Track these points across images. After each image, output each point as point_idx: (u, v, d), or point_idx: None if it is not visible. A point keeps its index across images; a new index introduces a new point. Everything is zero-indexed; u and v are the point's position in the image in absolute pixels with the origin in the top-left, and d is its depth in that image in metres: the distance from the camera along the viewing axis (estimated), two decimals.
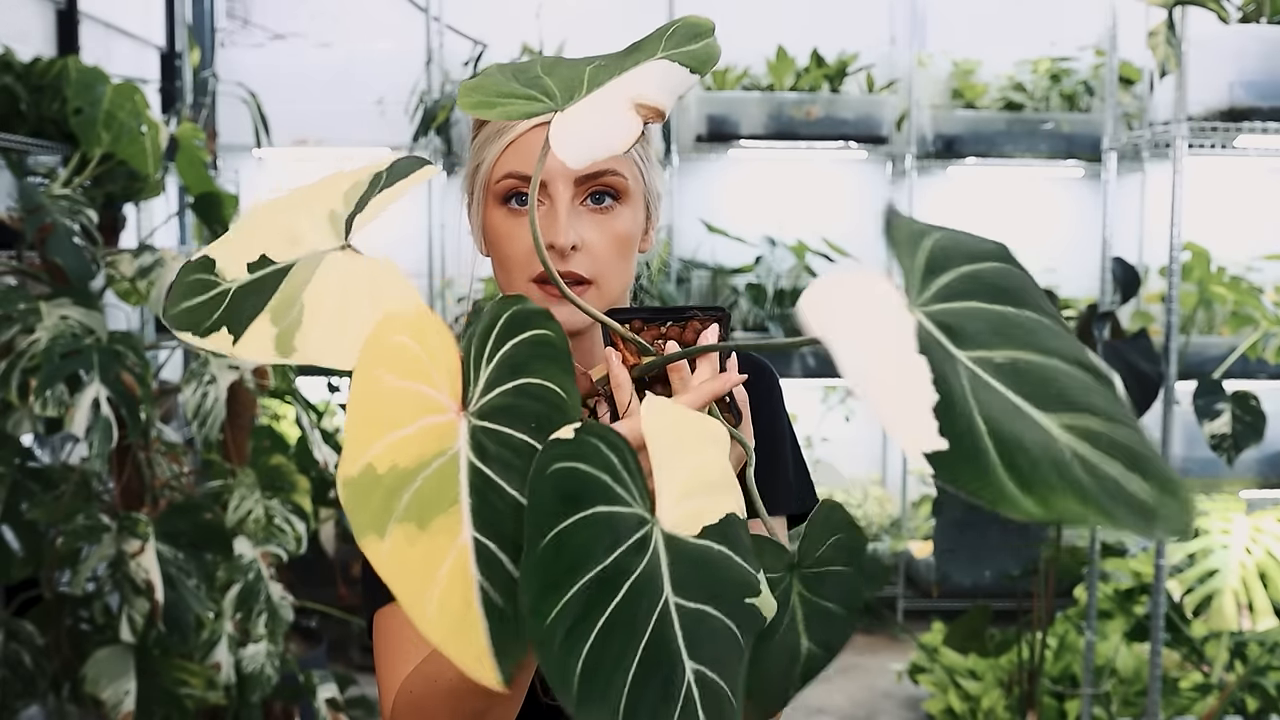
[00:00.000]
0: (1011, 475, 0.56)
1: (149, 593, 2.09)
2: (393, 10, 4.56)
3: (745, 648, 0.68)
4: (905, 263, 0.66)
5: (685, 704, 0.64)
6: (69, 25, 3.30)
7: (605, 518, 0.64)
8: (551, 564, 0.62)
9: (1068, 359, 0.62)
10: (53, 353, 1.99)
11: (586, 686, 0.60)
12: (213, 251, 0.78)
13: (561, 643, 0.60)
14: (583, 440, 0.66)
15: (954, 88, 4.53)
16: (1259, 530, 3.04)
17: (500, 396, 0.68)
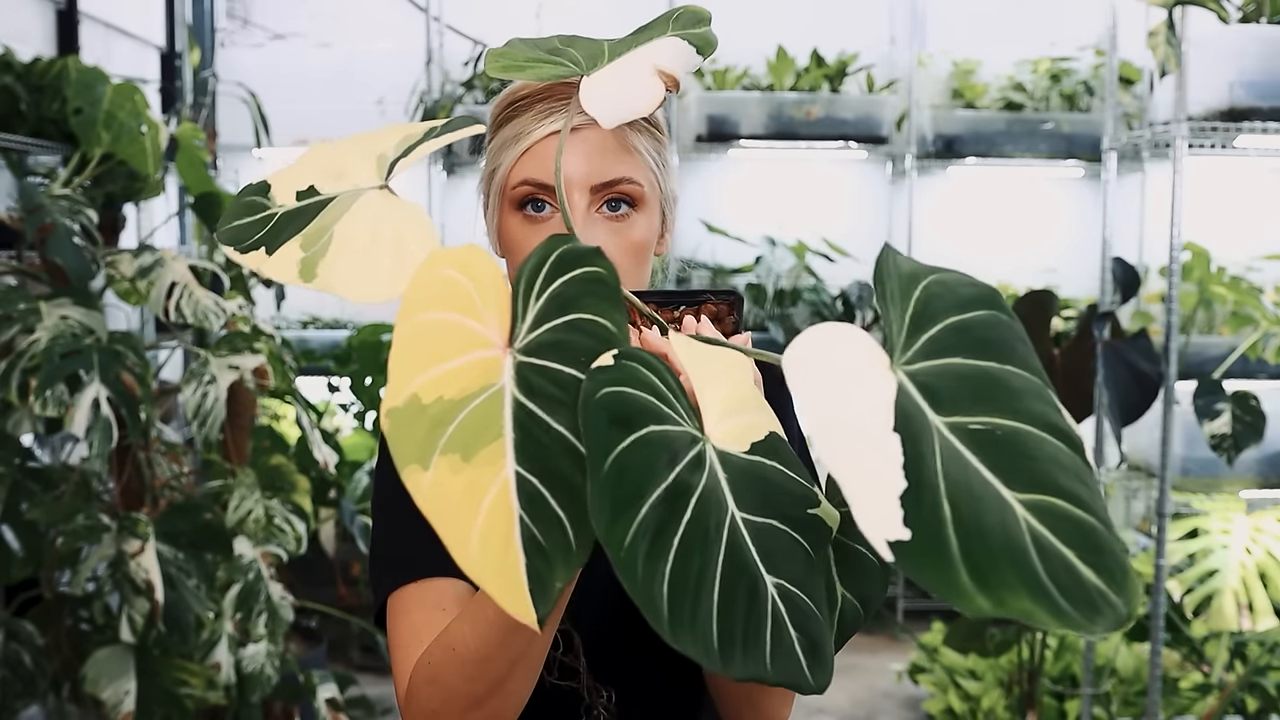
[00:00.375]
0: (969, 570, 0.56)
1: (149, 593, 2.09)
2: (393, 10, 4.56)
3: (819, 561, 0.67)
4: (894, 316, 0.65)
5: (775, 620, 0.63)
6: (69, 25, 3.30)
7: (659, 437, 0.64)
8: (616, 487, 0.61)
9: (1042, 424, 0.62)
10: (53, 353, 1.99)
11: (675, 609, 0.60)
12: (272, 178, 0.81)
13: (644, 563, 0.60)
14: (623, 365, 0.66)
15: (954, 88, 4.54)
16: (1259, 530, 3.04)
17: (548, 333, 0.68)
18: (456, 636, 0.86)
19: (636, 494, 0.61)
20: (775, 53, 4.42)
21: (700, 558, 0.62)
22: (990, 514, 0.58)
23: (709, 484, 0.65)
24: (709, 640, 0.60)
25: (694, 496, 0.63)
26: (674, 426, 0.65)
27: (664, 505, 0.62)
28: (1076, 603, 0.56)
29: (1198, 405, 2.71)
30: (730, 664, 0.60)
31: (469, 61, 4.48)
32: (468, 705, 0.86)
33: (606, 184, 0.98)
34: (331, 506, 3.52)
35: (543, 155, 0.97)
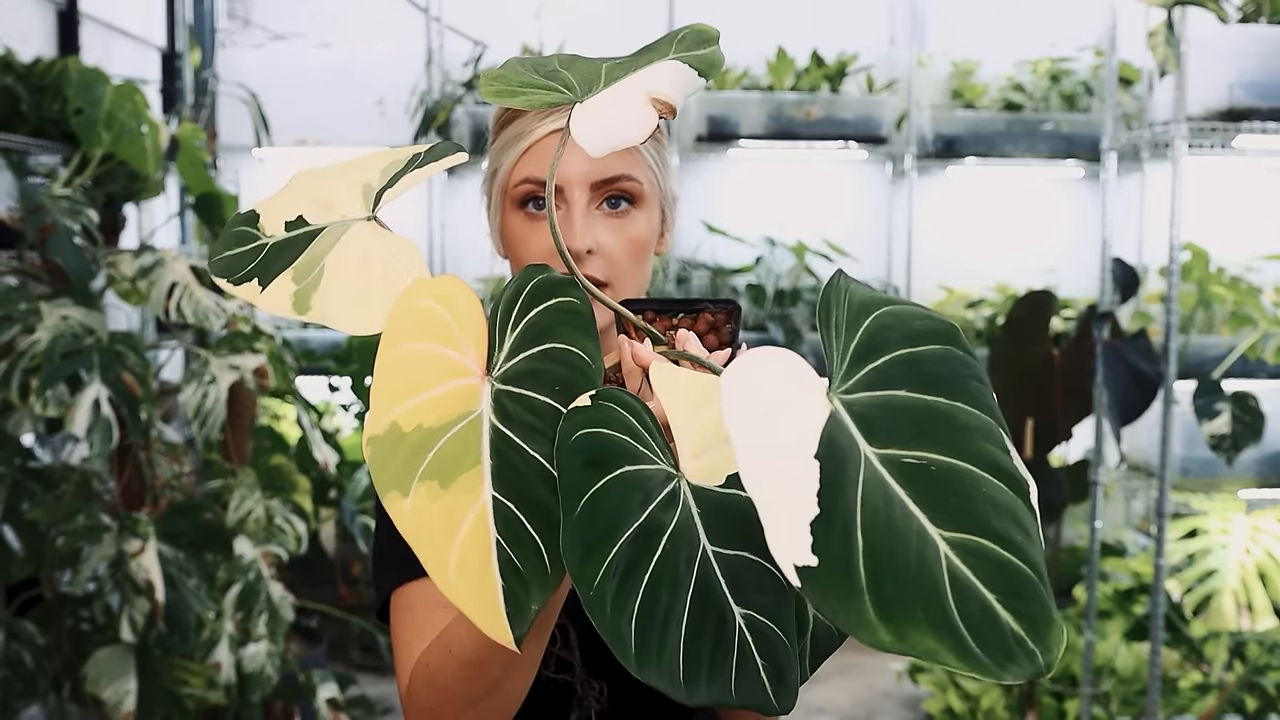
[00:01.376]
0: (875, 603, 0.55)
1: (149, 593, 2.10)
2: (393, 10, 4.56)
3: (789, 589, 0.67)
4: (837, 345, 0.65)
5: (740, 649, 0.64)
6: (69, 26, 3.31)
7: (633, 476, 0.65)
8: (589, 528, 0.63)
9: (984, 463, 0.61)
10: (53, 353, 1.99)
11: (642, 644, 0.61)
12: (260, 207, 0.82)
13: (612, 602, 0.61)
14: (600, 406, 0.67)
15: (954, 88, 4.54)
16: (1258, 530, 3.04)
17: (524, 361, 0.69)
18: (454, 638, 0.87)
19: (608, 535, 0.63)
20: (775, 53, 4.43)
21: (669, 594, 0.63)
22: (907, 549, 0.57)
23: (681, 520, 0.66)
24: (674, 673, 0.61)
25: (665, 534, 0.65)
26: (649, 465, 0.67)
27: (635, 545, 0.63)
28: (989, 647, 0.55)
29: (1197, 405, 2.72)
30: (695, 693, 0.62)
31: (469, 61, 4.48)
32: (464, 705, 0.87)
33: (606, 181, 0.99)
34: (332, 506, 3.52)
35: (543, 154, 0.99)
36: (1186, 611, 3.03)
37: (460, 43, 4.53)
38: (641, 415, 0.69)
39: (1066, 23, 4.47)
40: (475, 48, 4.48)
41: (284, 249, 0.78)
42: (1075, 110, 4.44)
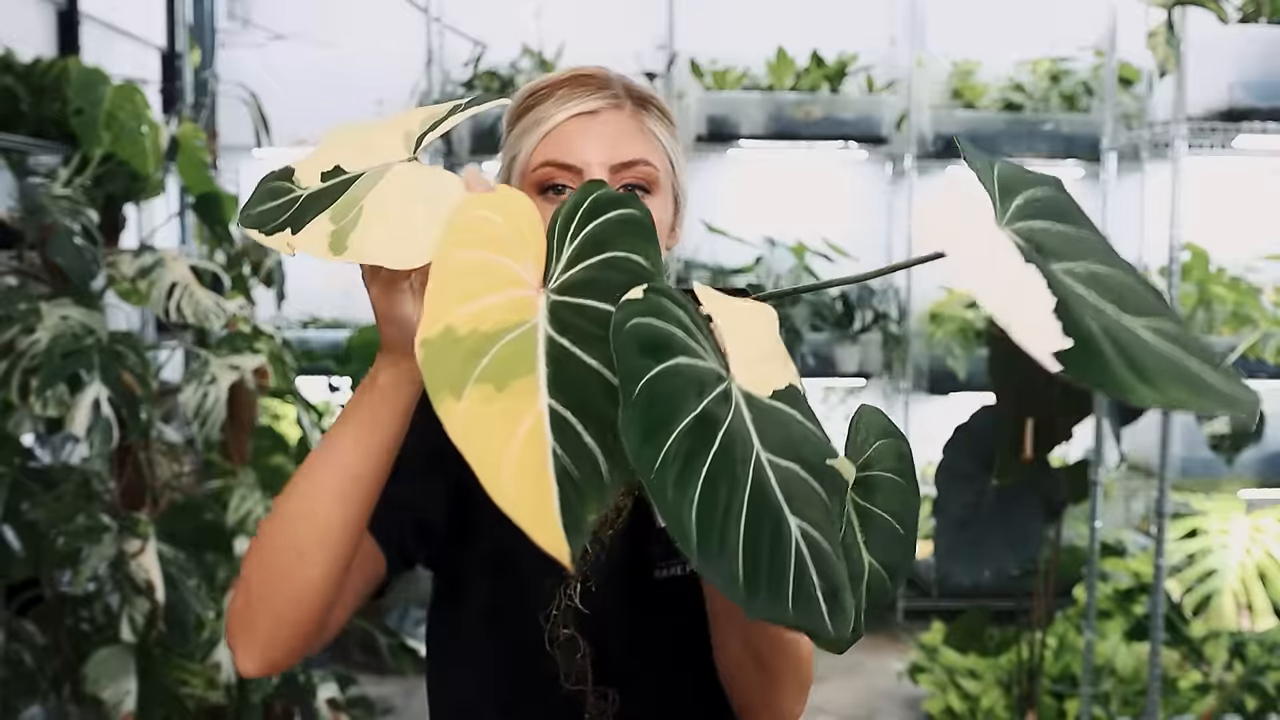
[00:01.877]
0: (1130, 369, 0.62)
1: (149, 593, 2.09)
2: (393, 10, 4.56)
3: (835, 514, 0.68)
4: (987, 186, 0.72)
5: (798, 561, 0.63)
6: (70, 26, 3.31)
7: (688, 369, 0.65)
8: (647, 410, 0.62)
9: (1126, 270, 0.70)
10: (53, 353, 1.99)
11: (704, 536, 0.60)
12: (295, 163, 0.82)
13: (673, 490, 0.60)
14: (651, 298, 0.67)
15: (954, 88, 4.54)
16: (1258, 530, 3.04)
17: (583, 271, 0.69)
18: (279, 500, 0.89)
19: (666, 420, 0.62)
20: (775, 53, 4.43)
21: (727, 489, 0.63)
22: (1125, 331, 0.65)
23: (735, 420, 0.66)
24: (734, 572, 0.61)
25: (721, 429, 0.64)
26: (701, 361, 0.66)
27: (693, 434, 0.63)
28: (1215, 397, 0.63)
29: None
30: (755, 599, 0.61)
31: (469, 61, 4.48)
32: (278, 577, 0.87)
33: (625, 164, 1.00)
34: None
35: (562, 138, 0.99)
36: (1186, 611, 3.03)
37: (460, 43, 4.53)
38: (692, 312, 0.69)
39: (1066, 23, 4.47)
40: (475, 48, 4.48)
41: (319, 197, 0.78)
42: (1075, 110, 4.44)
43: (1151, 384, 0.62)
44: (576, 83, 1.01)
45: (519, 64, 4.44)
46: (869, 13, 4.68)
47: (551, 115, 1.00)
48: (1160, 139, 2.64)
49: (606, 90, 1.01)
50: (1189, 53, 2.50)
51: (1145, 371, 0.62)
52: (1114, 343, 0.63)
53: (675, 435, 0.62)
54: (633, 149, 1.00)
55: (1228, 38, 2.57)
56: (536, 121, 1.00)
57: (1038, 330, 0.62)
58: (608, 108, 1.00)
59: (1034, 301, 0.63)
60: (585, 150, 0.99)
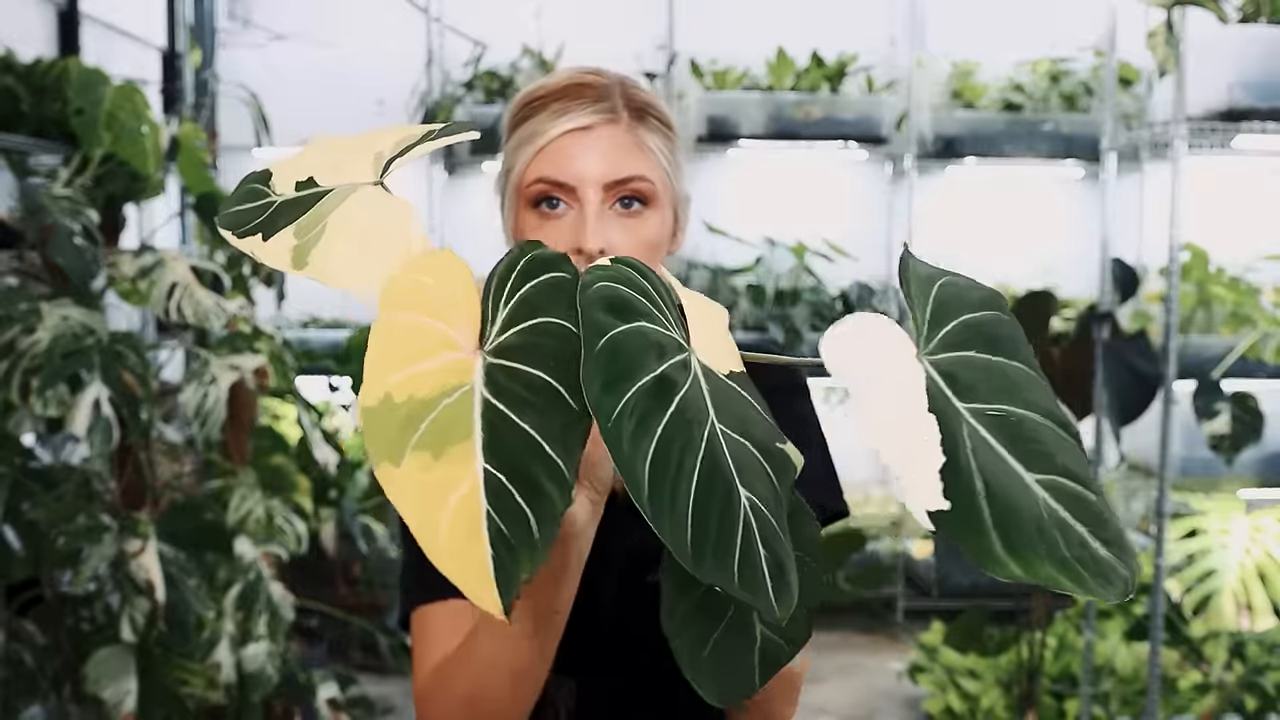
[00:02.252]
0: (1001, 538, 0.62)
1: (150, 592, 2.10)
2: (393, 10, 4.56)
3: (781, 498, 0.69)
4: (917, 313, 0.70)
5: (745, 531, 0.65)
6: (70, 26, 3.31)
7: (651, 332, 0.68)
8: (609, 363, 0.65)
9: (1043, 412, 0.68)
10: (54, 353, 2.00)
11: (656, 489, 0.63)
12: (274, 167, 0.84)
13: (629, 440, 0.63)
14: (618, 267, 0.70)
15: (953, 88, 4.54)
16: (1258, 530, 3.04)
17: (517, 335, 0.70)
18: (468, 650, 0.91)
19: (626, 374, 0.65)
20: (775, 53, 4.43)
21: (680, 450, 0.65)
22: (1017, 491, 0.64)
23: (693, 389, 0.68)
24: (684, 531, 0.63)
25: (679, 393, 0.66)
26: (664, 330, 0.69)
27: (651, 394, 0.65)
28: (1093, 574, 0.62)
29: (1197, 405, 2.72)
30: (701, 564, 0.62)
31: (469, 62, 4.48)
32: (472, 713, 0.91)
33: (620, 181, 1.00)
34: (332, 506, 3.53)
35: (556, 154, 0.99)
36: (1186, 611, 3.03)
37: (460, 43, 4.53)
38: (658, 284, 0.72)
39: (1066, 23, 4.47)
40: (475, 48, 4.48)
41: (291, 207, 0.80)
42: (1075, 110, 4.44)
43: (1020, 559, 0.62)
44: (572, 93, 1.01)
45: (519, 64, 4.44)
46: (869, 13, 4.68)
47: (546, 130, 0.99)
48: (1160, 139, 2.64)
49: (603, 102, 1.01)
50: (1189, 53, 2.50)
51: (1016, 545, 0.62)
52: (995, 506, 0.63)
53: (634, 391, 0.64)
54: (627, 165, 1.00)
55: (1227, 38, 2.57)
56: (531, 135, 1.00)
57: (920, 489, 0.62)
58: (603, 122, 1.00)
59: (924, 458, 0.63)
60: (579, 168, 0.99)
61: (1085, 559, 0.62)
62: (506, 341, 0.70)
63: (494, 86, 4.41)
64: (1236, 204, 4.20)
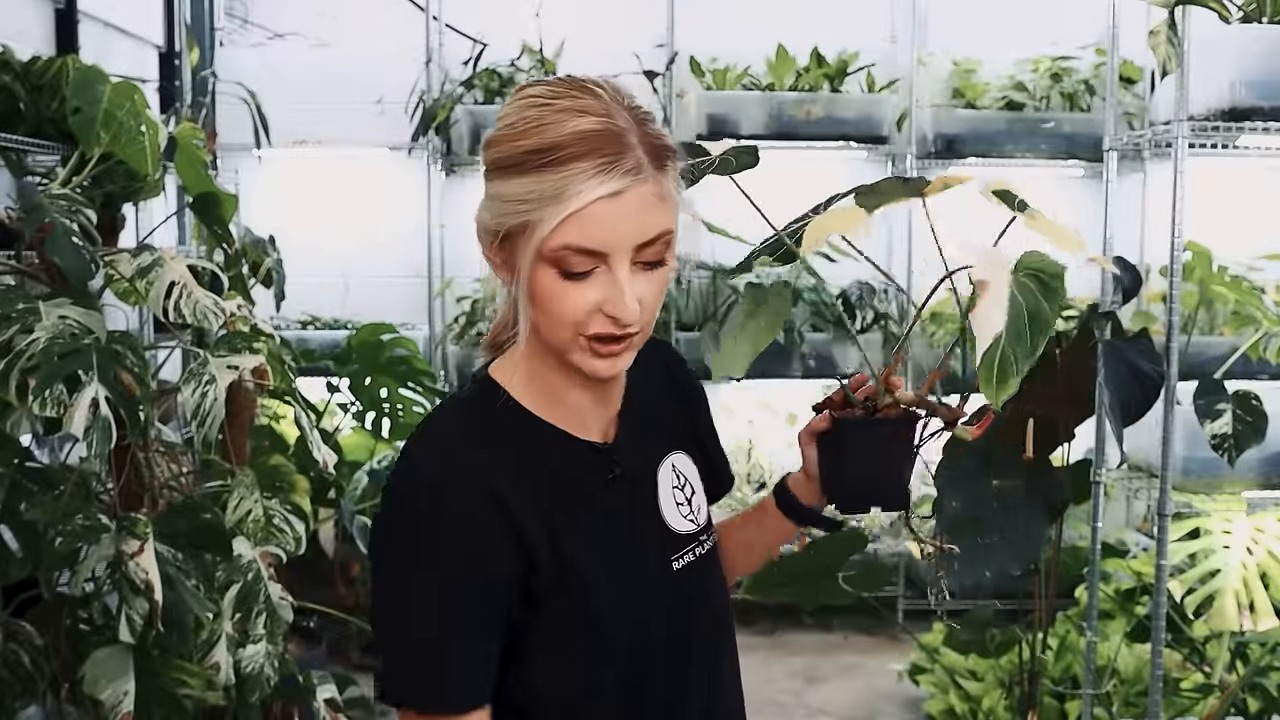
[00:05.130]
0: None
1: (148, 593, 2.08)
2: (393, 10, 4.55)
3: None
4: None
5: None
6: (68, 24, 3.30)
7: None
8: None
9: None
10: (51, 353, 1.98)
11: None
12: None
13: None
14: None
15: (955, 87, 4.53)
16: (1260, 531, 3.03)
17: None
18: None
19: None
20: (775, 52, 4.42)
21: None
22: None
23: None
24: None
25: None
26: None
27: None
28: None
29: (1199, 405, 2.70)
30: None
31: (469, 61, 4.47)
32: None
33: (649, 242, 1.01)
34: (331, 506, 3.52)
35: (588, 221, 0.97)
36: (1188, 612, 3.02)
37: (460, 42, 4.52)
38: None
39: (1068, 21, 4.46)
40: (475, 47, 4.47)
41: None
42: (1076, 109, 4.43)
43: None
44: (599, 149, 0.97)
45: (519, 63, 4.43)
46: (870, 11, 4.67)
47: (578, 193, 0.96)
48: (1162, 138, 2.63)
49: (629, 157, 0.99)
50: (1191, 52, 2.49)
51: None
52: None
53: None
54: (655, 224, 1.01)
55: (1230, 36, 2.55)
56: (558, 195, 0.97)
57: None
58: (632, 185, 0.98)
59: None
60: (612, 237, 0.98)
61: None
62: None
63: (494, 85, 4.40)
64: (1239, 203, 4.19)
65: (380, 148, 4.46)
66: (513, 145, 1.00)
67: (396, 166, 4.49)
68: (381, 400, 3.82)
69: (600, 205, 0.97)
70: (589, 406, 1.15)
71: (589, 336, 1.02)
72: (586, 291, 1.00)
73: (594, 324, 1.01)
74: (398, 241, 4.53)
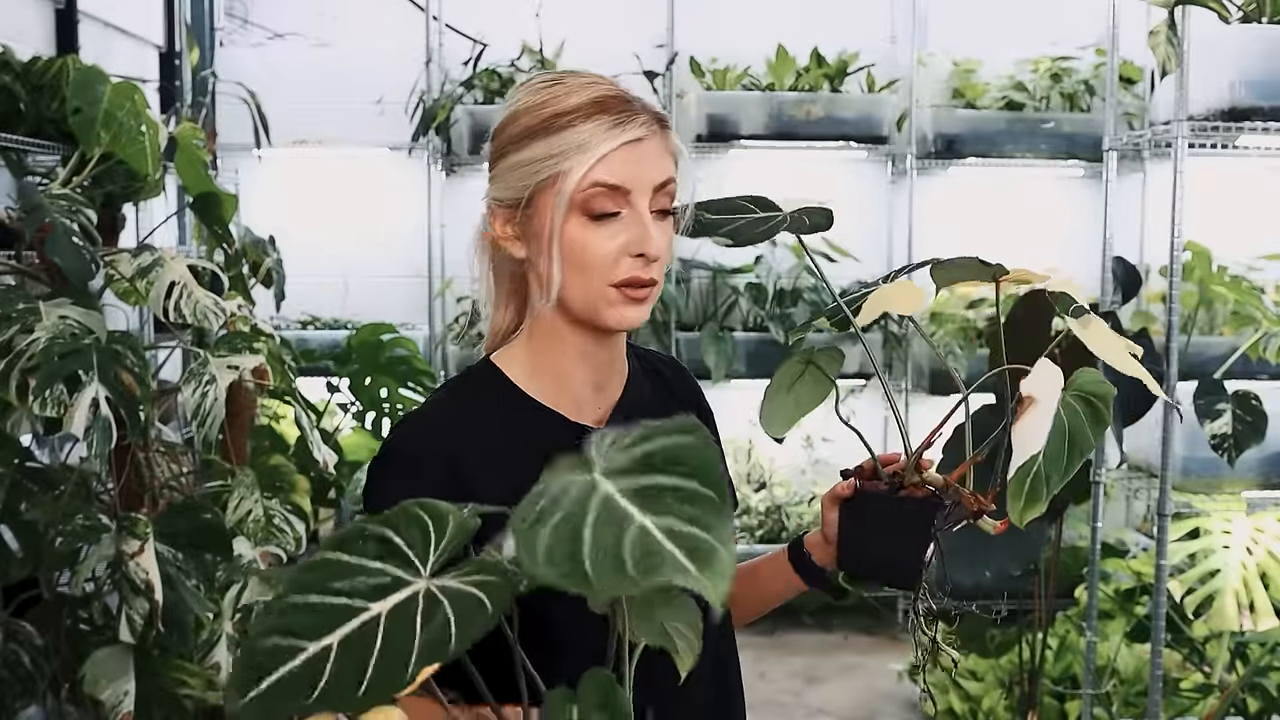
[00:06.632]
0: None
1: (148, 593, 2.09)
2: (393, 10, 4.55)
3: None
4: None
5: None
6: (68, 24, 3.30)
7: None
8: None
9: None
10: (51, 353, 1.98)
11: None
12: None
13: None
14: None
15: (955, 87, 4.53)
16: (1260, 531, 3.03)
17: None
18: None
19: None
20: (775, 52, 4.42)
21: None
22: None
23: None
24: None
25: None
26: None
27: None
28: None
29: (1199, 405, 2.71)
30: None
31: (469, 61, 4.47)
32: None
33: (662, 184, 1.10)
34: (331, 506, 3.52)
35: (612, 163, 1.07)
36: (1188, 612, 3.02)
37: (460, 42, 4.52)
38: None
39: (1068, 22, 4.46)
40: (475, 47, 4.47)
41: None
42: (1076, 109, 4.43)
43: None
44: (616, 106, 1.09)
45: (519, 63, 4.43)
46: (870, 11, 4.67)
47: (603, 139, 1.07)
48: (1162, 138, 2.63)
49: (642, 114, 1.10)
50: (1190, 52, 2.49)
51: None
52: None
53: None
54: (666, 169, 1.11)
55: (1229, 36, 2.56)
56: (584, 145, 1.07)
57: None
58: (648, 135, 1.09)
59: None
60: (636, 173, 1.08)
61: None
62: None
63: (494, 85, 4.40)
64: (1238, 203, 4.19)
65: (380, 148, 4.46)
66: (536, 113, 1.09)
67: (396, 166, 4.49)
68: (381, 400, 3.83)
69: (624, 149, 1.07)
70: (589, 395, 1.18)
71: (617, 284, 1.09)
72: (614, 234, 1.08)
73: (621, 268, 1.09)
74: (398, 241, 4.53)
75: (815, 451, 4.61)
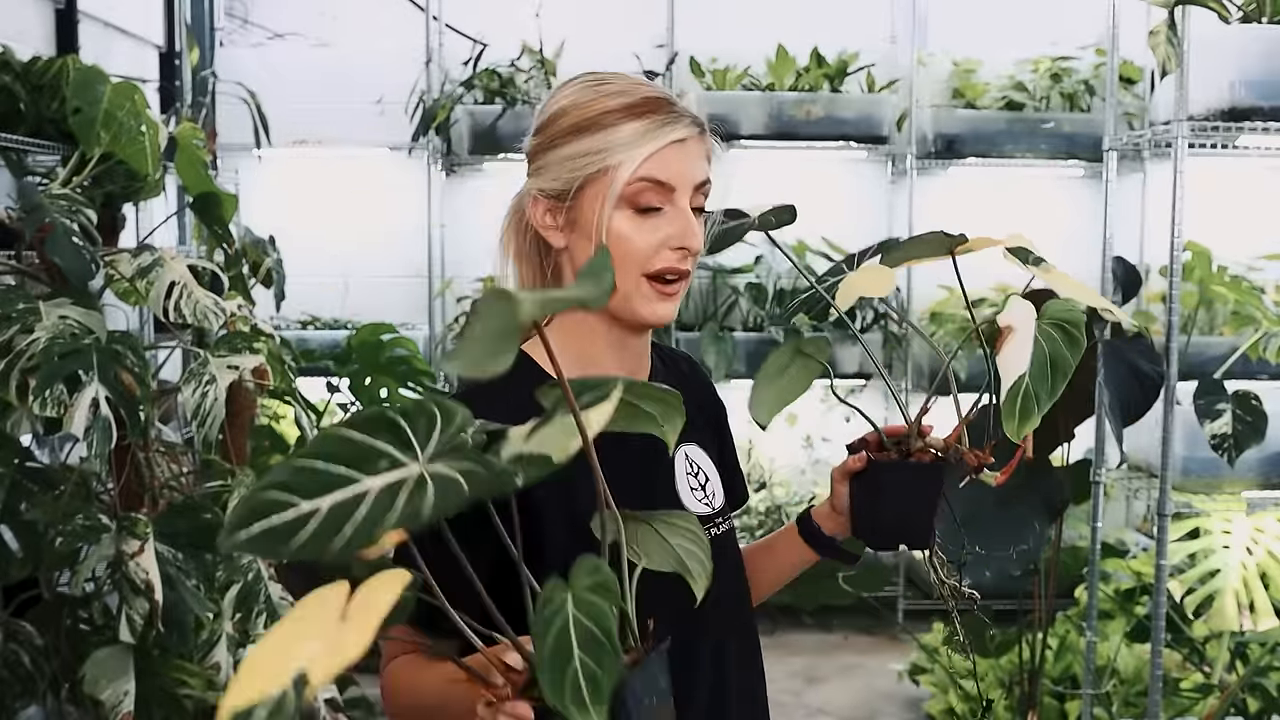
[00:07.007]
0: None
1: (148, 593, 2.09)
2: (393, 10, 4.55)
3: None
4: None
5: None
6: (68, 24, 3.30)
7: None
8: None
9: None
10: (51, 353, 1.98)
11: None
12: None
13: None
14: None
15: (955, 87, 4.53)
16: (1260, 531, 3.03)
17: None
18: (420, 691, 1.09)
19: None
20: (775, 52, 4.42)
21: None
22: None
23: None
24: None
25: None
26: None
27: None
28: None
29: (1199, 405, 2.70)
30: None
31: (469, 61, 4.47)
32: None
33: (700, 185, 1.16)
34: None
35: (661, 160, 1.13)
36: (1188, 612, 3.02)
37: (460, 42, 4.52)
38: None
39: (1068, 22, 4.46)
40: (475, 47, 4.47)
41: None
42: (1076, 109, 4.43)
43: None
44: (664, 107, 1.14)
45: (519, 63, 4.43)
46: (870, 11, 4.67)
47: (654, 136, 1.12)
48: (1162, 138, 2.63)
49: (686, 117, 1.15)
50: (1190, 52, 2.49)
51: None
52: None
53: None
54: (705, 169, 1.17)
55: (1229, 36, 2.55)
56: (635, 141, 1.12)
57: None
58: (692, 136, 1.15)
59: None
60: (682, 171, 1.14)
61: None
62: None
63: (493, 85, 4.40)
64: (1239, 203, 4.19)
65: (380, 148, 4.46)
66: (587, 109, 1.14)
67: (396, 166, 4.49)
68: (382, 400, 3.82)
69: (672, 147, 1.13)
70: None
71: (651, 275, 1.14)
72: (657, 228, 1.13)
73: (659, 260, 1.14)
74: (398, 241, 4.53)
75: (815, 451, 4.61)
